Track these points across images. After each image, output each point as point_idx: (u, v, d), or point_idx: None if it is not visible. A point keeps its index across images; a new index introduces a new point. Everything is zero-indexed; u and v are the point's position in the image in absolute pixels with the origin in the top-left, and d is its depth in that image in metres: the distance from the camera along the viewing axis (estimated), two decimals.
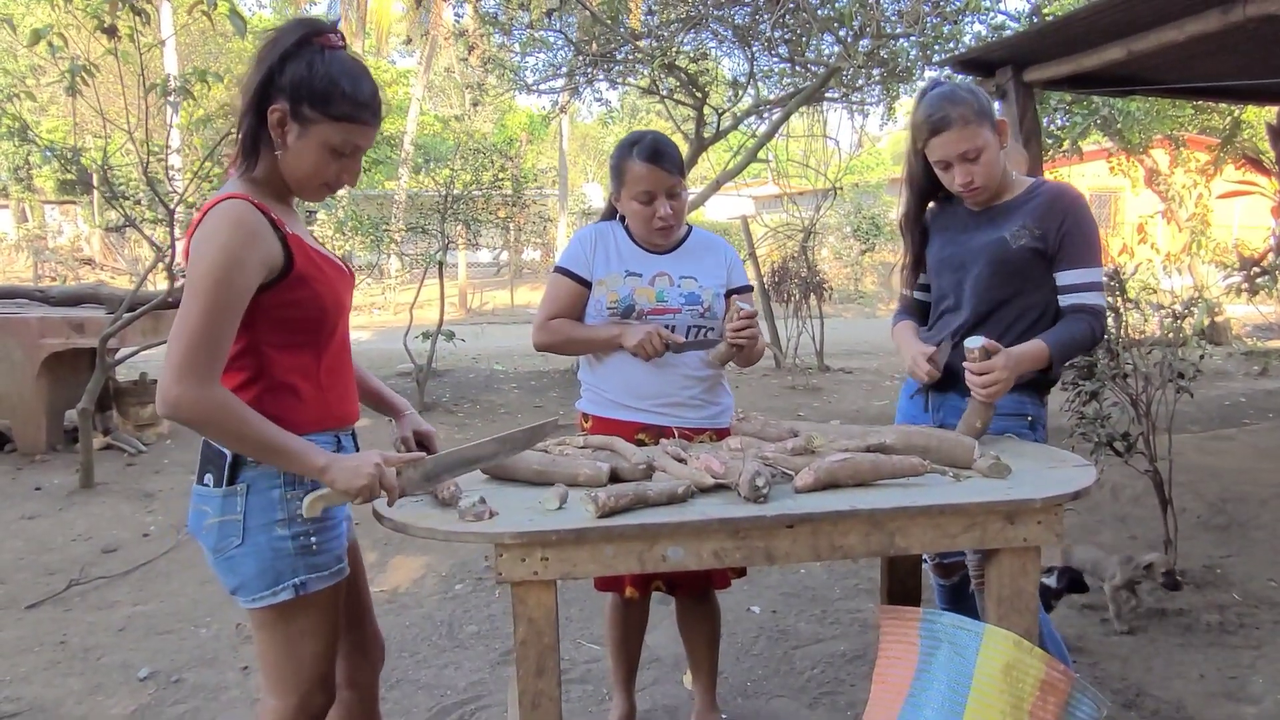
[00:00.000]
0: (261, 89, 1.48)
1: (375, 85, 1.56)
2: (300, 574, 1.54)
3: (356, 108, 1.51)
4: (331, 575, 1.58)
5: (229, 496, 1.52)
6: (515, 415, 7.08)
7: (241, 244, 1.43)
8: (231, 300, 1.43)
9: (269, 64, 1.48)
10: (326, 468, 1.46)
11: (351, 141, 1.53)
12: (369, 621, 1.88)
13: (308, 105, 1.48)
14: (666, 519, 1.53)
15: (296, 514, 1.52)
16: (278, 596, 1.53)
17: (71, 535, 4.26)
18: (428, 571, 3.78)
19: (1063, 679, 1.63)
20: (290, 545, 1.53)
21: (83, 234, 20.57)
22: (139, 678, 2.89)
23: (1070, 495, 1.62)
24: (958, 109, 2.00)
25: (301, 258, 1.53)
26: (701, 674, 2.44)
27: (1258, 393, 7.46)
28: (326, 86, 1.47)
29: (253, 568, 1.52)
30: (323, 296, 1.56)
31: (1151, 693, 2.67)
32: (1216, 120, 10.53)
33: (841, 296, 16.89)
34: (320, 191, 1.58)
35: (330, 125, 1.49)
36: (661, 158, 2.10)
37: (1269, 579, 3.46)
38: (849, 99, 9.08)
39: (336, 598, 1.62)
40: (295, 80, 1.47)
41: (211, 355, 1.41)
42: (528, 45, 8.95)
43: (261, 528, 1.52)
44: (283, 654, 1.58)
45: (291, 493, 1.53)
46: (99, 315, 5.63)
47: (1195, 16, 3.98)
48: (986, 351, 1.87)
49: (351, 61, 1.54)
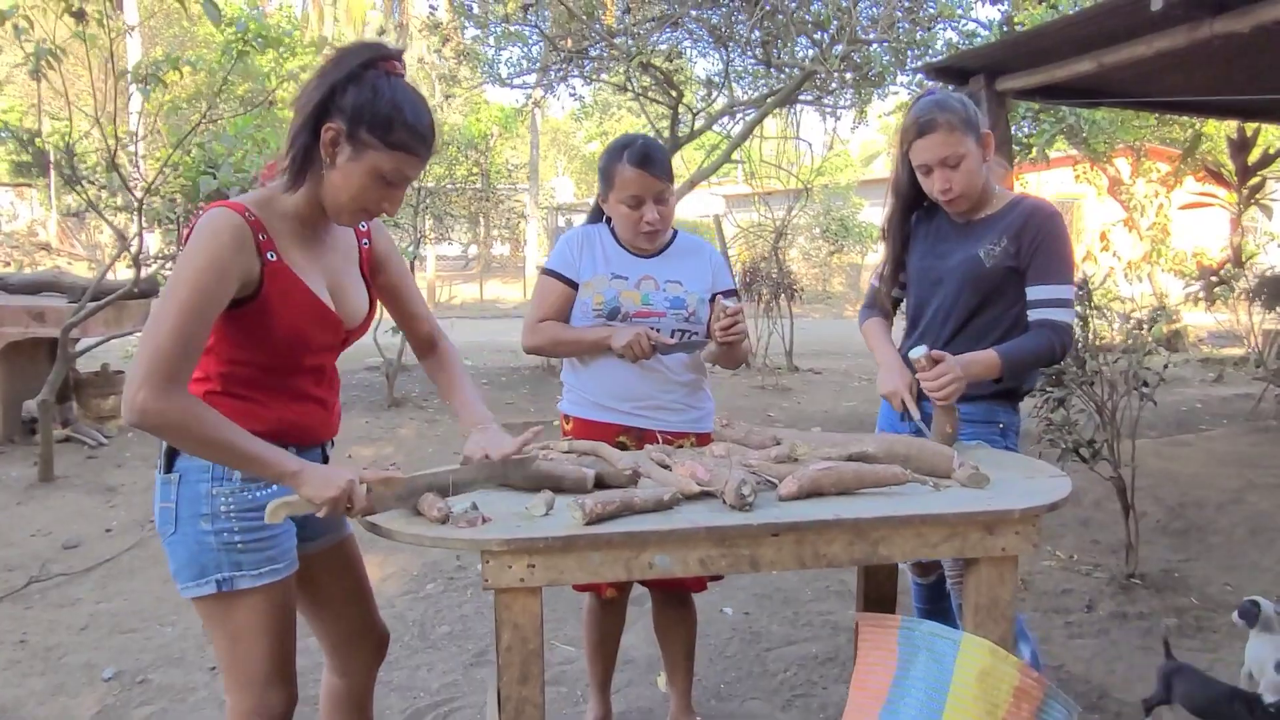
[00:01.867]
0: (321, 106, 1.47)
1: (432, 118, 1.56)
2: (224, 570, 1.54)
3: (415, 139, 1.50)
4: (261, 575, 1.56)
5: (165, 484, 1.55)
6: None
7: (224, 250, 1.43)
8: (207, 306, 1.42)
9: (332, 82, 1.47)
10: (299, 473, 1.45)
11: (402, 171, 1.52)
12: (365, 613, 1.86)
13: (366, 129, 1.46)
14: (654, 526, 1.54)
15: (220, 510, 1.53)
16: (202, 589, 1.55)
17: (31, 530, 4.16)
18: (399, 571, 3.76)
19: (1036, 685, 1.67)
20: (213, 540, 1.53)
21: (39, 218, 20.06)
22: (103, 678, 2.84)
23: (1048, 506, 1.65)
24: (945, 114, 2.05)
25: (272, 288, 1.50)
26: (678, 677, 2.45)
27: (1214, 399, 7.65)
28: (389, 113, 1.46)
29: (182, 556, 1.55)
30: (281, 330, 1.54)
31: (1114, 695, 2.73)
32: (1178, 132, 10.77)
33: (810, 297, 17.02)
34: (357, 216, 1.56)
35: (385, 153, 1.48)
36: (651, 163, 2.10)
37: (1225, 583, 3.56)
38: (822, 102, 9.16)
39: (275, 598, 1.59)
40: (358, 103, 1.46)
41: (180, 361, 1.39)
42: (502, 39, 8.90)
43: (189, 519, 1.54)
44: (226, 649, 1.60)
45: (217, 488, 1.53)
46: (59, 304, 5.50)
47: (1164, 32, 4.07)
48: (932, 360, 1.91)
49: (414, 92, 1.53)
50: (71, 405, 5.76)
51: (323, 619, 1.83)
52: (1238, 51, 4.25)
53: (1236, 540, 3.97)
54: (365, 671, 1.89)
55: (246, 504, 1.55)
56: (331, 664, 1.87)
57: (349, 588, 1.84)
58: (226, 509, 1.53)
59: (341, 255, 1.67)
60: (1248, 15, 3.71)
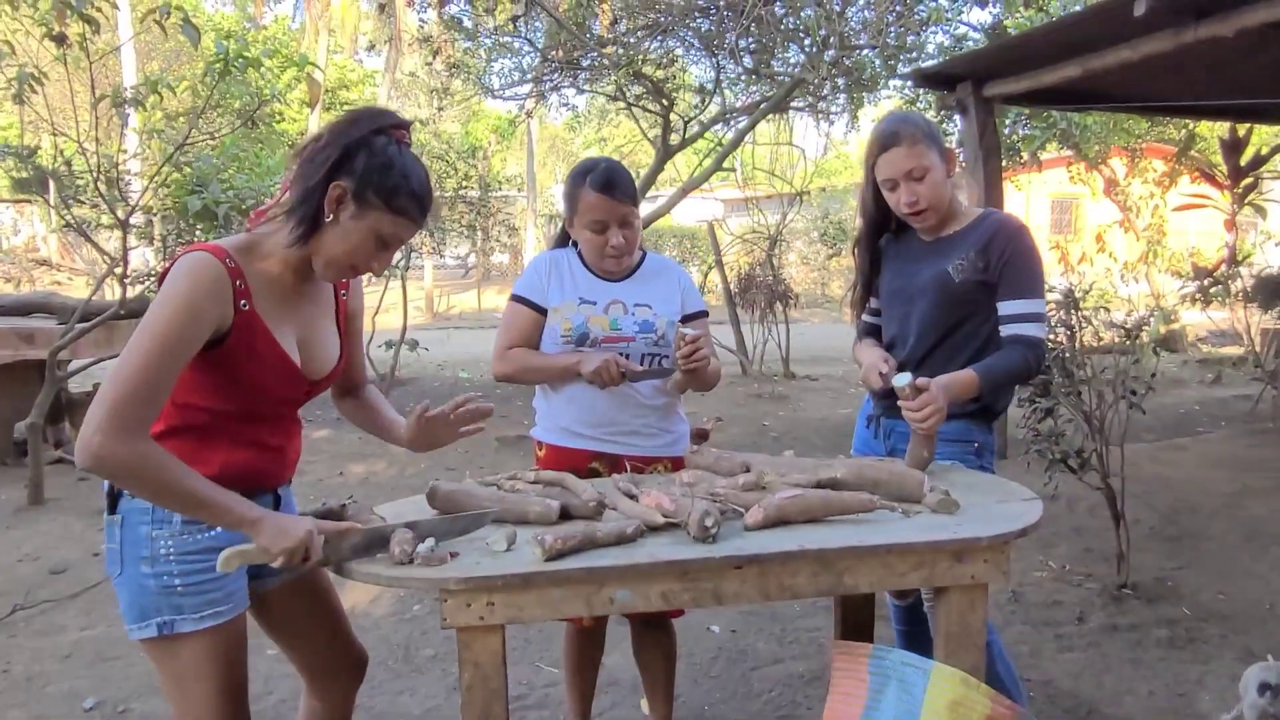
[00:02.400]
0: (335, 166, 1.50)
1: (432, 192, 1.62)
2: (164, 614, 1.52)
3: (416, 206, 1.56)
4: (203, 619, 1.54)
5: (110, 525, 1.55)
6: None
7: (202, 296, 1.43)
8: (179, 350, 1.41)
9: (345, 144, 1.50)
10: (258, 521, 1.44)
11: (399, 235, 1.57)
12: (341, 639, 1.86)
13: (374, 192, 1.51)
14: (614, 561, 1.52)
15: (159, 553, 1.51)
16: (144, 632, 1.54)
17: (18, 555, 4.15)
18: (385, 593, 3.73)
19: (1009, 714, 1.64)
20: (153, 584, 1.52)
21: (39, 234, 20.12)
22: (85, 708, 2.82)
23: (1016, 533, 1.63)
24: (906, 128, 2.07)
25: (238, 339, 1.50)
26: (657, 699, 2.44)
27: (1211, 401, 7.61)
28: (398, 180, 1.52)
29: (126, 598, 1.55)
30: (243, 380, 1.53)
31: (1102, 710, 2.71)
32: (1172, 131, 10.75)
33: (808, 300, 17.01)
34: (345, 273, 1.59)
35: (389, 215, 1.53)
36: (614, 187, 2.09)
37: (1218, 592, 3.53)
38: (815, 108, 9.15)
39: (221, 641, 1.57)
40: (370, 166, 1.50)
41: (144, 407, 1.38)
42: (493, 51, 8.91)
43: (131, 561, 1.53)
44: (174, 692, 1.58)
45: (157, 531, 1.52)
46: (49, 326, 5.51)
47: (1149, 37, 4.07)
48: (916, 389, 1.89)
49: (420, 163, 1.59)
50: (64, 427, 5.76)
51: (298, 649, 1.82)
52: (1224, 55, 4.24)
53: (1230, 547, 3.94)
54: (345, 695, 1.89)
55: (187, 547, 1.53)
56: (311, 689, 1.87)
57: (321, 617, 1.83)
58: (166, 552, 1.52)
59: (319, 308, 1.67)
60: (1230, 19, 3.70)
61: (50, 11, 4.03)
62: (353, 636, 1.89)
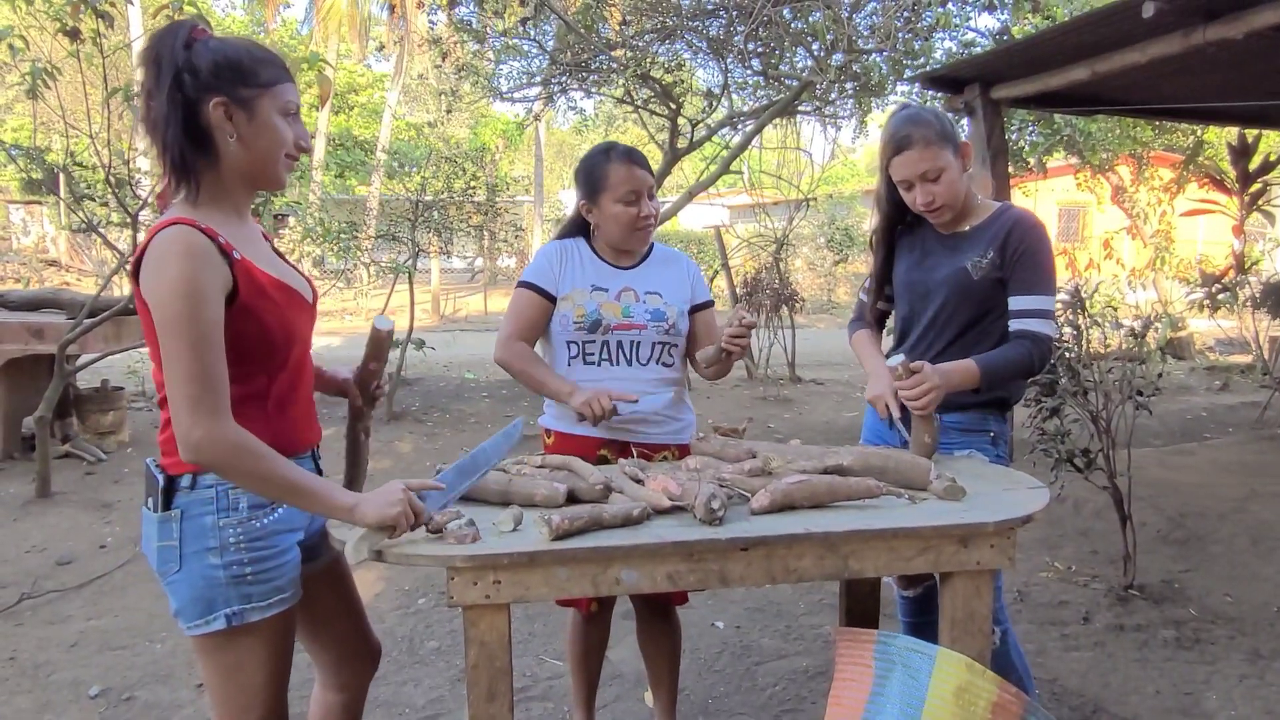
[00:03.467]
0: (177, 102, 1.43)
1: (264, 45, 1.58)
2: (233, 604, 1.49)
3: (278, 69, 1.52)
4: (270, 606, 1.53)
5: (165, 522, 1.49)
6: (485, 425, 7.04)
7: (197, 272, 1.40)
8: (208, 332, 1.40)
9: (171, 74, 1.43)
10: (354, 507, 1.45)
11: (291, 102, 1.53)
12: (360, 627, 1.86)
13: (243, 86, 1.46)
14: (620, 541, 1.52)
15: (229, 542, 1.49)
16: (210, 626, 1.49)
17: (26, 547, 4.17)
18: (389, 586, 3.74)
19: (1015, 701, 1.64)
20: (222, 575, 1.48)
21: (48, 235, 20.23)
22: (89, 695, 2.83)
23: (1022, 519, 1.63)
24: (920, 130, 2.05)
25: (248, 288, 1.48)
26: (662, 692, 2.43)
27: (1219, 407, 7.58)
28: (246, 61, 1.47)
29: (187, 595, 1.50)
30: (270, 330, 1.51)
31: (1108, 709, 2.70)
32: (1180, 139, 10.73)
33: (815, 307, 17.00)
34: (286, 165, 1.55)
35: (269, 92, 1.49)
36: (637, 157, 2.17)
37: (1225, 594, 3.51)
38: (822, 112, 9.15)
39: (280, 628, 1.57)
40: (217, 70, 1.44)
41: (215, 390, 1.39)
42: (502, 53, 8.93)
43: (195, 555, 1.49)
44: (225, 683, 1.55)
45: (224, 520, 1.49)
46: (59, 321, 5.52)
47: (1157, 39, 4.06)
48: (909, 369, 1.89)
49: (237, 37, 1.55)
50: (72, 421, 5.78)
51: (320, 637, 1.81)
52: (1234, 57, 4.23)
53: (1238, 550, 3.92)
54: (360, 685, 1.88)
55: (254, 533, 1.51)
56: (326, 680, 1.85)
57: (345, 604, 1.83)
58: (236, 540, 1.49)
59: (265, 247, 1.64)
60: (1240, 21, 3.69)
61: (65, 7, 4.06)
62: (369, 626, 1.90)
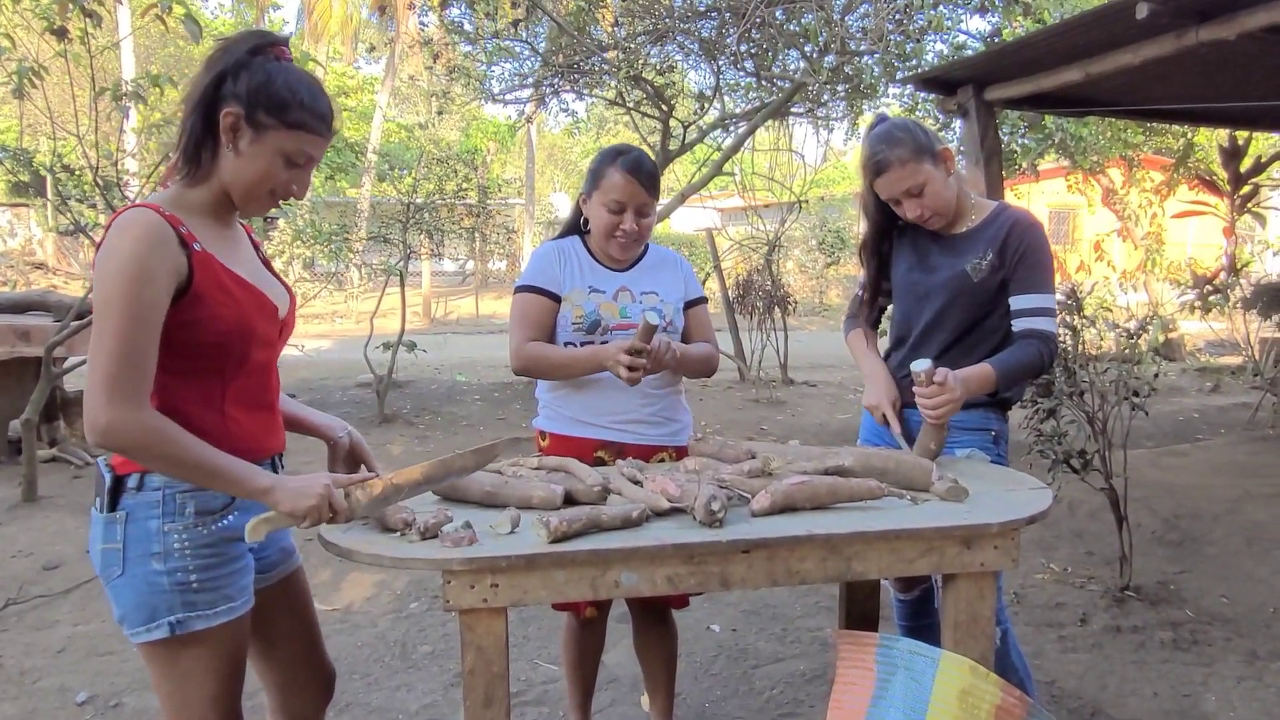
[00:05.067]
0: (210, 94, 1.45)
1: (329, 100, 1.55)
2: (176, 612, 1.44)
3: (314, 118, 1.50)
4: (217, 615, 1.48)
5: (110, 524, 1.46)
6: (477, 427, 7.00)
7: (146, 253, 1.37)
8: (145, 314, 1.37)
9: (220, 69, 1.45)
10: (271, 489, 1.42)
11: (305, 151, 1.50)
12: (314, 650, 1.78)
13: (264, 111, 1.45)
14: (620, 544, 1.50)
15: (173, 548, 1.45)
16: (153, 634, 1.45)
17: (11, 551, 4.11)
18: (381, 590, 3.70)
19: (1018, 704, 1.62)
20: (165, 581, 1.44)
21: (35, 238, 20.06)
22: (77, 702, 2.78)
23: (1026, 520, 1.61)
24: (894, 150, 2.05)
25: (204, 277, 1.45)
26: (658, 696, 2.41)
27: (1211, 409, 7.61)
28: (285, 95, 1.46)
29: (130, 601, 1.45)
30: (222, 321, 1.47)
31: (1107, 711, 2.68)
32: (1170, 141, 10.78)
33: (806, 309, 16.99)
34: (266, 200, 1.53)
35: (286, 133, 1.47)
36: (641, 173, 2.11)
37: (1221, 595, 3.51)
38: (814, 114, 9.16)
39: (230, 638, 1.52)
40: (252, 87, 1.45)
41: (134, 375, 1.36)
42: (494, 55, 8.90)
43: (138, 559, 1.45)
44: (173, 694, 1.50)
45: (169, 525, 1.45)
46: (45, 323, 5.47)
47: (1150, 41, 4.06)
48: (933, 379, 1.88)
49: (307, 74, 1.53)
50: (59, 425, 5.72)
51: (271, 658, 1.74)
52: (1226, 59, 4.24)
53: (1232, 551, 3.92)
54: (314, 713, 1.80)
55: (201, 539, 1.47)
56: (276, 705, 1.78)
57: (299, 624, 1.76)
58: (180, 546, 1.45)
59: (250, 253, 1.62)
60: (1233, 22, 3.70)
61: (52, 6, 4.02)
62: (325, 652, 1.82)
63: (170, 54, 19.68)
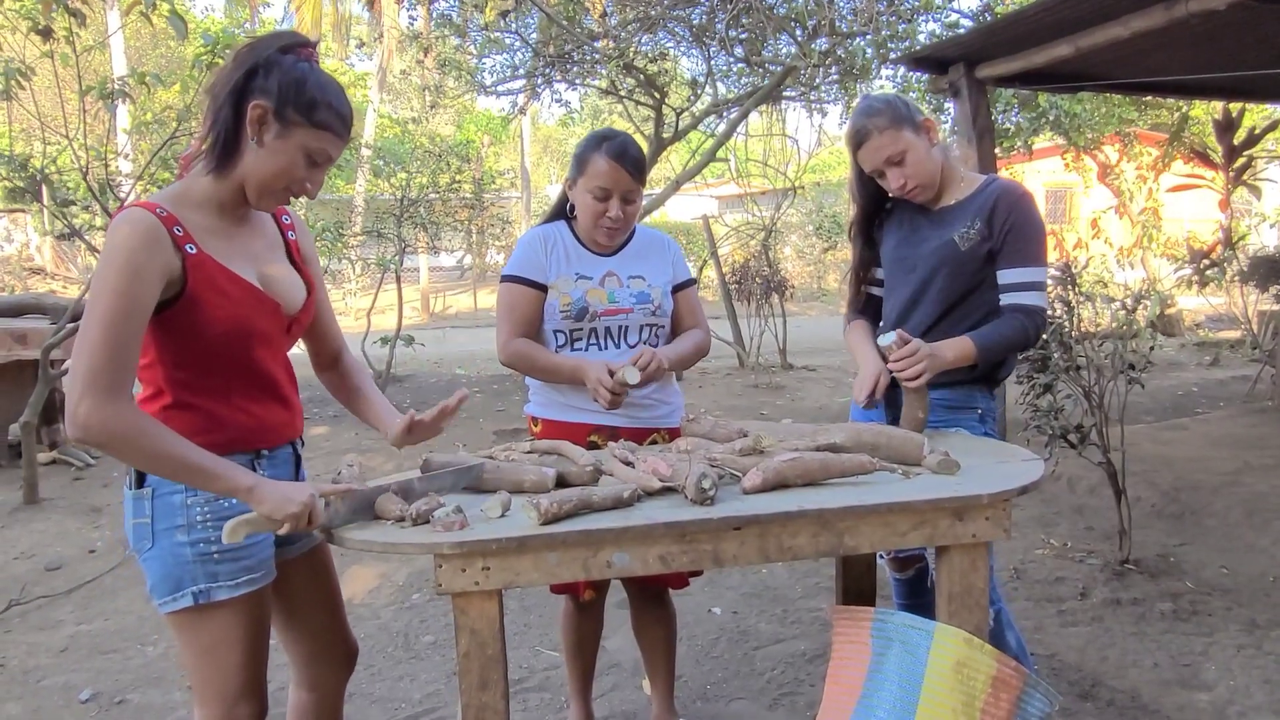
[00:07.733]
0: (241, 87, 1.47)
1: (350, 104, 1.60)
2: (200, 581, 1.50)
3: (338, 119, 1.53)
4: (239, 585, 1.53)
5: (139, 500, 1.52)
6: (477, 419, 7.01)
7: (137, 251, 1.40)
8: (131, 310, 1.39)
9: (250, 65, 1.48)
10: (252, 489, 1.43)
11: (326, 151, 1.54)
12: (337, 623, 1.84)
13: (293, 109, 1.48)
14: (611, 524, 1.50)
15: (195, 520, 1.50)
16: (178, 603, 1.51)
17: (14, 553, 4.12)
18: (384, 581, 3.71)
19: (1015, 675, 1.62)
20: (189, 552, 1.50)
21: (32, 242, 20.03)
22: (81, 700, 2.79)
23: (1017, 490, 1.61)
24: (873, 119, 2.07)
25: (198, 280, 1.47)
26: (658, 679, 2.41)
27: (1209, 382, 7.60)
28: (316, 94, 1.50)
29: (158, 572, 1.52)
30: (219, 323, 1.50)
31: (1107, 683, 2.69)
32: (1165, 116, 10.74)
33: (805, 295, 16.99)
34: (281, 196, 1.56)
35: (312, 131, 1.50)
36: (626, 159, 2.08)
37: (1220, 566, 3.52)
38: (807, 98, 9.12)
39: (252, 608, 1.57)
40: (285, 83, 1.48)
41: (116, 370, 1.37)
42: (484, 47, 8.87)
43: (165, 532, 1.51)
44: (198, 662, 1.56)
45: (191, 499, 1.50)
46: (42, 326, 5.47)
47: (1140, 13, 4.04)
48: (902, 340, 1.89)
49: (332, 78, 1.57)
50: (58, 427, 5.73)
51: (294, 630, 1.79)
52: (1217, 29, 4.22)
53: (1232, 523, 3.92)
54: (335, 685, 1.85)
55: (222, 512, 1.51)
56: (300, 678, 1.83)
57: (322, 596, 1.81)
58: (202, 518, 1.51)
59: (267, 243, 1.64)
60: None
61: (36, 5, 4.00)
62: (347, 624, 1.87)
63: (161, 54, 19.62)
